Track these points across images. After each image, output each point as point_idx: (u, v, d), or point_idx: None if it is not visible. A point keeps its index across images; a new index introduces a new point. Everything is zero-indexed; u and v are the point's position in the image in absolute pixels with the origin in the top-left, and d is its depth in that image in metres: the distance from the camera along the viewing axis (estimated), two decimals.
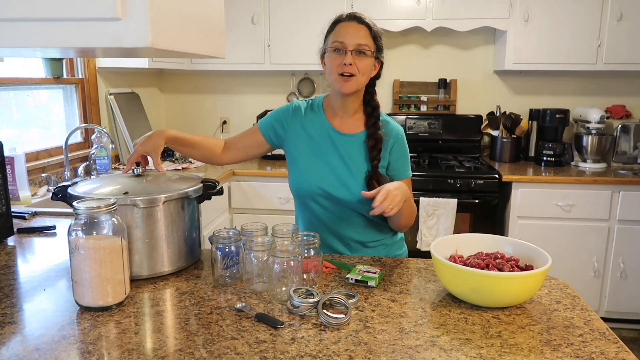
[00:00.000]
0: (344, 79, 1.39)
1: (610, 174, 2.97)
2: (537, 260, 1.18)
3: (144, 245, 1.25)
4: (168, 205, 1.27)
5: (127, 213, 1.22)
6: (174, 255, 1.30)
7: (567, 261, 2.92)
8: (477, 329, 1.03)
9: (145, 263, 1.26)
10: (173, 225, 1.29)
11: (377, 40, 1.44)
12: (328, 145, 1.49)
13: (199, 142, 1.57)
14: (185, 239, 1.33)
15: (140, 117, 3.28)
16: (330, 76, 1.42)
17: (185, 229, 1.33)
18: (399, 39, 3.49)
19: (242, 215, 3.10)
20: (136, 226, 1.23)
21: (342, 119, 1.51)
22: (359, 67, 1.39)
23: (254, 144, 1.60)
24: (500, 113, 3.40)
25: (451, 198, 2.87)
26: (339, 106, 1.49)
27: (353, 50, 1.38)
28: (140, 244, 1.25)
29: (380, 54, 1.45)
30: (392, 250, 1.61)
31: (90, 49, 1.06)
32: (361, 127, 1.50)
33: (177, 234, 1.30)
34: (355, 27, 1.39)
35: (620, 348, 0.96)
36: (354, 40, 1.38)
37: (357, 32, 1.38)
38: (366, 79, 1.44)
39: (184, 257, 1.33)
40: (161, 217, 1.26)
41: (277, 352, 0.93)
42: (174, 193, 1.28)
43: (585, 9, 3.01)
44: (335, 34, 1.41)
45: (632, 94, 3.41)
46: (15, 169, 2.08)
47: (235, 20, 3.21)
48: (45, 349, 0.94)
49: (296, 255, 1.15)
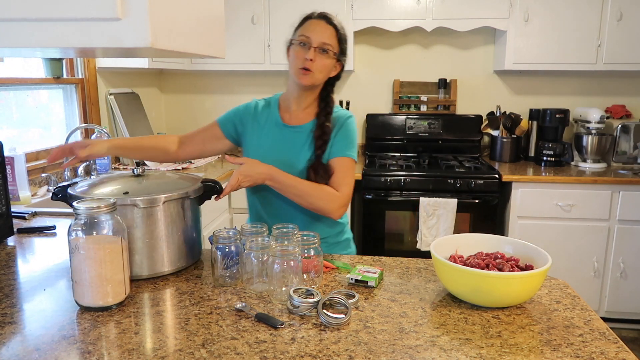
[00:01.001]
0: (303, 72, 1.43)
1: (610, 174, 2.97)
2: (537, 260, 1.18)
3: (144, 245, 1.25)
4: (168, 205, 1.27)
5: (127, 213, 1.22)
6: (174, 255, 1.30)
7: (567, 261, 2.92)
8: (477, 329, 1.03)
9: (145, 263, 1.26)
10: (173, 225, 1.29)
11: (342, 43, 1.49)
12: (275, 139, 1.53)
13: (146, 145, 1.56)
14: (185, 239, 1.33)
15: (140, 117, 3.28)
16: (292, 68, 1.46)
17: (185, 229, 1.33)
18: (399, 39, 3.49)
19: (242, 215, 3.09)
20: (136, 226, 1.23)
21: (293, 113, 1.54)
22: (319, 65, 1.43)
23: (211, 137, 1.61)
24: (500, 113, 3.40)
25: (451, 198, 2.87)
26: (294, 98, 1.53)
27: (317, 47, 1.42)
28: (140, 244, 1.25)
29: (342, 57, 1.50)
30: (336, 249, 1.60)
31: (90, 49, 1.06)
32: (311, 118, 1.53)
33: (177, 234, 1.30)
34: (323, 26, 1.44)
35: (620, 348, 0.96)
36: (319, 37, 1.42)
37: (324, 31, 1.43)
38: (324, 77, 1.48)
39: (184, 257, 1.33)
40: (161, 217, 1.26)
41: (277, 352, 0.93)
42: (174, 193, 1.28)
43: (585, 9, 3.01)
44: (303, 29, 1.45)
45: (632, 94, 3.41)
46: (15, 169, 2.08)
47: (235, 20, 3.21)
48: (45, 349, 0.94)
49: (296, 255, 1.15)
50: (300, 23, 1.49)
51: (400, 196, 2.95)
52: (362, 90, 3.60)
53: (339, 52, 1.48)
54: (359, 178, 2.95)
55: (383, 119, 3.46)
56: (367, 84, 3.59)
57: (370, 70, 3.57)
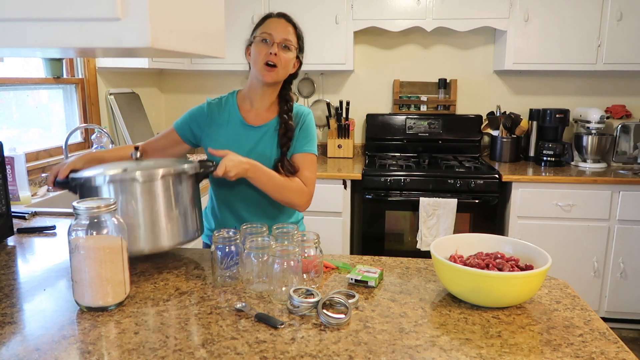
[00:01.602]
0: (268, 69, 1.49)
1: (610, 174, 2.97)
2: (537, 260, 1.18)
3: (144, 220, 1.28)
4: (166, 180, 1.30)
5: (128, 188, 1.25)
6: (174, 230, 1.33)
7: (567, 261, 2.92)
8: (477, 329, 1.03)
9: (146, 238, 1.29)
10: (172, 200, 1.32)
11: (300, 40, 1.58)
12: (241, 139, 1.57)
13: (107, 157, 1.59)
14: (185, 215, 1.36)
15: (140, 117, 3.28)
16: (256, 65, 1.51)
17: (184, 205, 1.36)
18: (399, 39, 3.49)
19: None
20: (136, 201, 1.26)
21: (256, 112, 1.60)
22: (282, 59, 1.50)
23: (171, 144, 1.66)
24: (500, 113, 3.40)
25: (451, 198, 2.87)
26: (257, 97, 1.58)
27: (279, 42, 1.50)
28: (141, 219, 1.28)
29: (300, 54, 1.60)
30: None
31: (90, 49, 1.06)
32: (273, 116, 1.59)
33: (176, 209, 1.33)
34: (284, 24, 1.53)
35: (620, 348, 0.96)
36: (280, 34, 1.50)
37: (284, 28, 1.52)
38: (286, 72, 1.55)
39: (185, 232, 1.36)
40: (160, 191, 1.29)
41: (277, 352, 0.93)
42: (171, 168, 1.32)
43: (585, 9, 3.01)
44: (264, 27, 1.53)
45: (632, 94, 3.41)
46: (15, 169, 2.08)
47: (235, 20, 3.21)
48: (45, 349, 0.94)
49: (296, 255, 1.15)
50: (260, 22, 1.56)
51: (400, 196, 2.95)
52: (362, 90, 3.60)
53: (298, 49, 1.57)
54: (359, 178, 2.95)
55: (383, 119, 3.46)
56: (367, 84, 3.59)
57: (370, 70, 3.57)
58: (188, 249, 1.52)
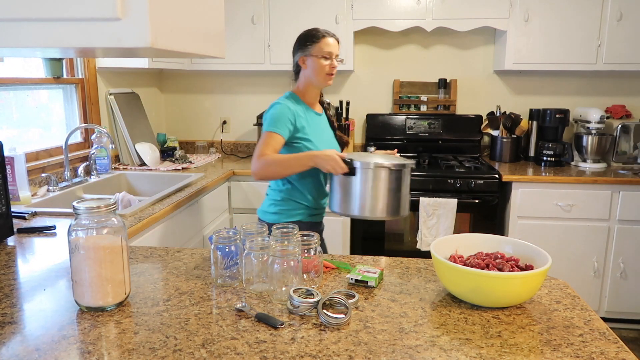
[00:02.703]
0: (330, 77, 1.98)
1: (610, 174, 2.97)
2: (537, 260, 1.18)
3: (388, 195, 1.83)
4: (409, 169, 1.89)
5: (394, 173, 1.80)
6: (404, 205, 1.88)
7: (567, 261, 2.92)
8: (477, 329, 1.03)
9: (386, 208, 1.82)
10: (407, 183, 1.91)
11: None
12: (319, 124, 2.04)
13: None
14: (407, 195, 1.90)
15: (140, 117, 3.28)
16: (320, 75, 1.95)
17: (408, 189, 1.91)
18: (399, 39, 3.49)
19: (242, 215, 3.10)
20: (392, 181, 1.82)
21: (314, 105, 2.07)
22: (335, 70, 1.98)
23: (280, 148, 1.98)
24: (500, 113, 3.40)
25: (451, 198, 2.87)
26: (314, 94, 2.05)
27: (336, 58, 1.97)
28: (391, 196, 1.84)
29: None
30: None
31: (90, 49, 1.06)
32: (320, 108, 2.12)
33: (405, 190, 1.89)
34: (336, 43, 1.97)
35: (620, 348, 0.96)
36: (336, 51, 1.97)
37: (337, 46, 1.98)
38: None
39: (405, 208, 1.93)
40: (405, 177, 1.88)
41: (277, 352, 0.93)
42: (412, 162, 1.90)
43: (585, 9, 3.01)
44: (324, 45, 1.93)
45: (632, 94, 3.41)
46: (15, 169, 2.08)
47: (235, 20, 3.21)
48: (45, 349, 0.94)
49: (296, 255, 1.15)
50: (316, 40, 1.92)
51: None
52: (362, 90, 3.60)
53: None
54: None
55: (383, 119, 3.46)
56: (367, 84, 3.59)
57: (370, 70, 3.57)
58: (188, 249, 1.52)
